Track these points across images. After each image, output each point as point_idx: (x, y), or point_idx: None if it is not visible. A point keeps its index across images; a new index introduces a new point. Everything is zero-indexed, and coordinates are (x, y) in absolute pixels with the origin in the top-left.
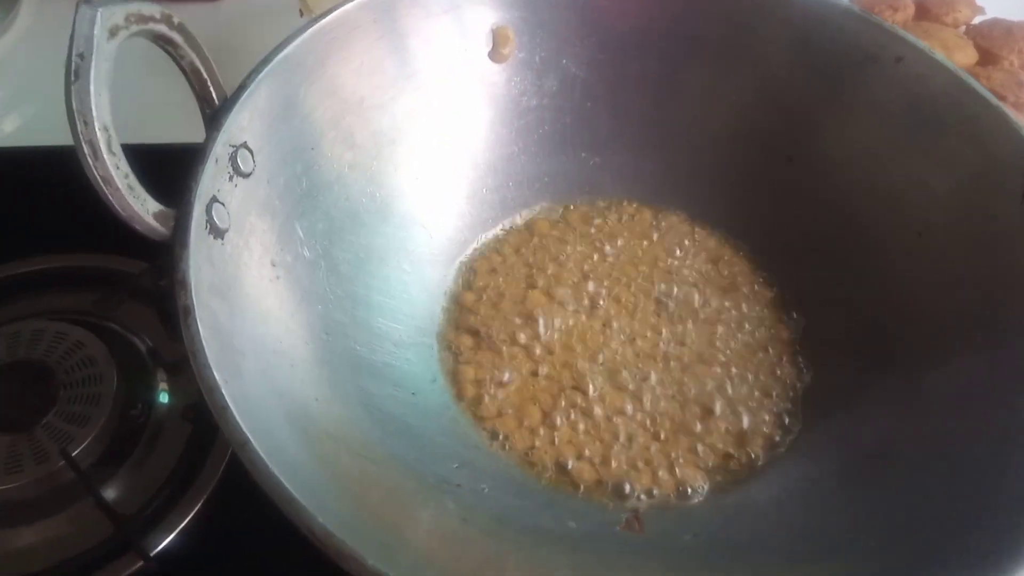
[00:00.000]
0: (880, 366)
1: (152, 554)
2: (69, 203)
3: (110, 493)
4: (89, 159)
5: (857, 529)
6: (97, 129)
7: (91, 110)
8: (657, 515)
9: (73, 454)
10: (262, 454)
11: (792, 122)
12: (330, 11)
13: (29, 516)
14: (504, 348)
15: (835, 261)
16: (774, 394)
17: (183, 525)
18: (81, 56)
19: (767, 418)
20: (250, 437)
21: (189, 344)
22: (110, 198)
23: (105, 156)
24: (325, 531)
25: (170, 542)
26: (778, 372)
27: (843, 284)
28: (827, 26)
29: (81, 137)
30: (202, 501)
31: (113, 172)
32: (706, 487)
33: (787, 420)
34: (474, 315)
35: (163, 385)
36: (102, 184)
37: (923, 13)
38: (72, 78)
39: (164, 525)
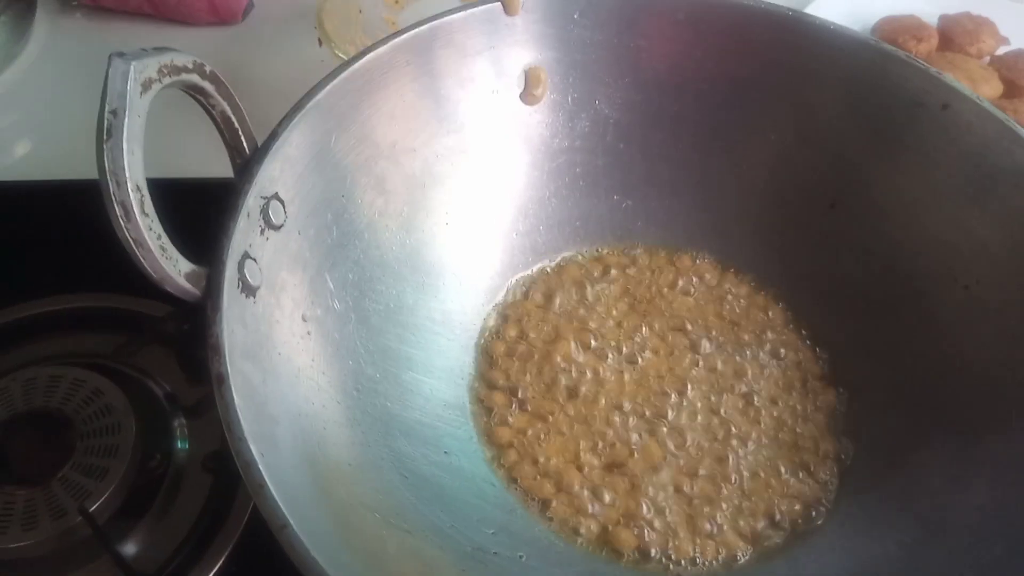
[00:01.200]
0: (930, 428)
1: None
2: (85, 240)
3: (129, 549)
4: (121, 221)
5: None
6: (130, 190)
7: (124, 170)
8: None
9: (91, 509)
10: (303, 538)
11: (834, 167)
12: (363, 54)
13: (46, 574)
14: (538, 405)
15: (877, 312)
16: (817, 457)
17: None
18: (114, 113)
19: (811, 484)
20: (290, 519)
21: (224, 416)
22: (142, 261)
23: (138, 218)
24: None
25: None
26: (822, 431)
27: (886, 338)
28: (872, 71)
29: (113, 199)
30: (224, 556)
31: (146, 234)
32: (748, 554)
33: (832, 487)
34: (505, 368)
35: (182, 431)
36: (134, 247)
37: (947, 43)
38: (104, 136)
39: None
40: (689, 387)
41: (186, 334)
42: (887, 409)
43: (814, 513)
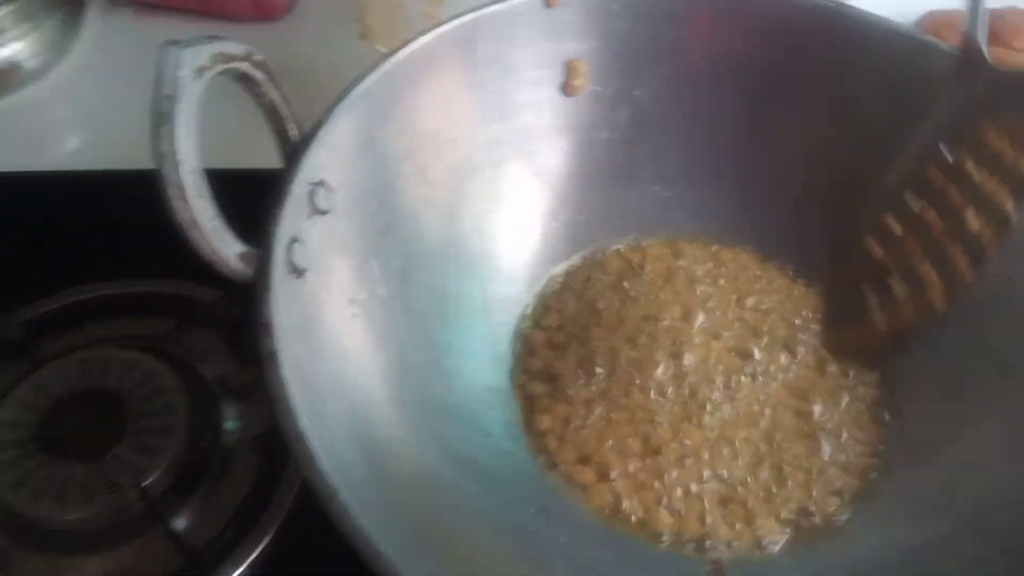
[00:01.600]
0: (971, 419)
1: None
2: (133, 227)
3: (179, 524)
4: (177, 203)
5: None
6: (185, 173)
7: (179, 152)
8: (738, 569)
9: (144, 485)
10: (350, 507)
11: (874, 157)
12: (407, 43)
13: (98, 546)
14: (576, 393)
15: None
16: (857, 446)
17: (253, 558)
18: (169, 98)
19: (848, 473)
20: (339, 490)
21: (275, 391)
22: (197, 241)
23: (193, 200)
24: None
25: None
26: (861, 421)
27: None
28: (914, 59)
29: (169, 181)
30: (272, 532)
31: (200, 216)
32: (783, 541)
33: (870, 476)
34: (545, 357)
35: (231, 413)
36: (189, 228)
37: (992, 39)
38: (159, 121)
39: (234, 557)
40: (730, 376)
41: (235, 318)
42: (930, 397)
43: (851, 502)
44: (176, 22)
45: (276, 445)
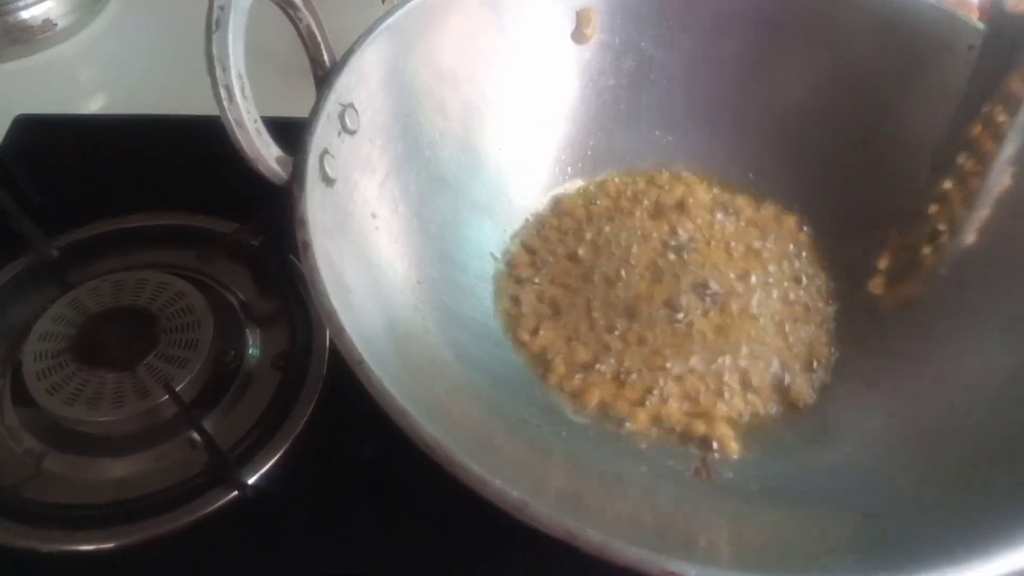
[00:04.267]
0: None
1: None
2: (162, 167)
3: (206, 427)
4: (225, 102)
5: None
6: (233, 76)
7: (229, 57)
8: (723, 464)
9: (176, 389)
10: (376, 372)
11: (866, 107)
12: None
13: (123, 449)
14: (564, 307)
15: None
16: (821, 356)
17: (272, 463)
18: (222, 8)
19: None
20: (365, 357)
21: (309, 275)
22: (240, 140)
23: (239, 100)
24: (436, 440)
25: (259, 478)
26: (830, 339)
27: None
28: (904, 14)
29: (219, 82)
30: (290, 442)
31: (245, 116)
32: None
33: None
34: (535, 273)
35: (254, 337)
36: (235, 126)
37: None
38: (214, 27)
39: (255, 462)
40: (709, 282)
41: (257, 249)
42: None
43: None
44: None
45: (296, 362)
